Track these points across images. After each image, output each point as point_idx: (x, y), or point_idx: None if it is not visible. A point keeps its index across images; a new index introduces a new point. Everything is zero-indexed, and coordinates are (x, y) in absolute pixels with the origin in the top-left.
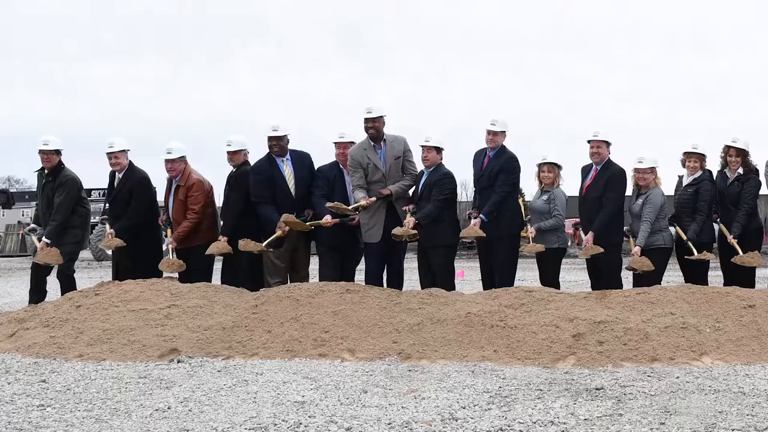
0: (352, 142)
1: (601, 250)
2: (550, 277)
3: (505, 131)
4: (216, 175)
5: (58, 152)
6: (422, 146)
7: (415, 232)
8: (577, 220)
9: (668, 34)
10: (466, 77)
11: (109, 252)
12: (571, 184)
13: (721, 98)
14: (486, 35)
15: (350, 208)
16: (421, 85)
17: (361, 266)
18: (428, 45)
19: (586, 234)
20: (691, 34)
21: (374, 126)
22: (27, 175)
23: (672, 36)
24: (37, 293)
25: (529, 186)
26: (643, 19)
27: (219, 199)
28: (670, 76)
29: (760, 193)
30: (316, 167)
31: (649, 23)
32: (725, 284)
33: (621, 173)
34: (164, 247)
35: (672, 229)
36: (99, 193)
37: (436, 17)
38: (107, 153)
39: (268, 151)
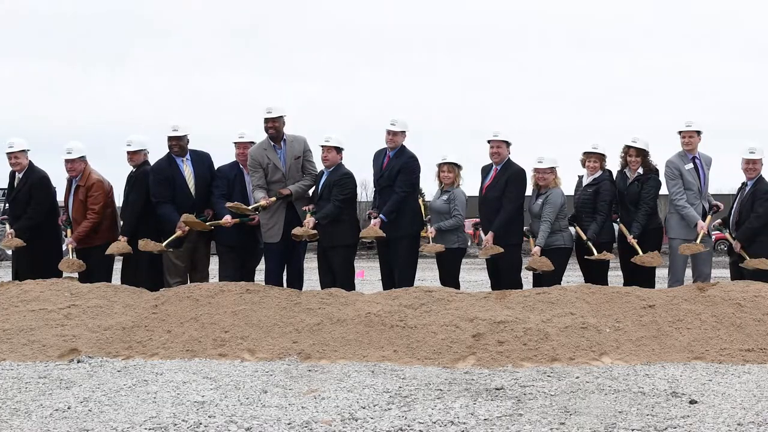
0: (252, 142)
1: (501, 250)
2: (450, 277)
3: (404, 131)
4: (116, 174)
5: None
6: (322, 146)
7: (315, 232)
8: (477, 220)
9: (568, 34)
10: (366, 77)
11: (9, 252)
12: (471, 184)
13: (621, 98)
14: (386, 35)
15: (250, 208)
16: (321, 86)
17: (261, 266)
18: (328, 45)
19: (485, 234)
20: (592, 34)
21: (274, 126)
22: None
23: (572, 36)
24: None
25: (429, 186)
26: (545, 19)
27: (119, 199)
28: (569, 75)
29: (660, 193)
30: (215, 167)
31: (550, 22)
32: (625, 284)
33: (521, 173)
34: (64, 247)
35: (572, 229)
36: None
37: (336, 17)
38: (7, 153)
39: (168, 151)
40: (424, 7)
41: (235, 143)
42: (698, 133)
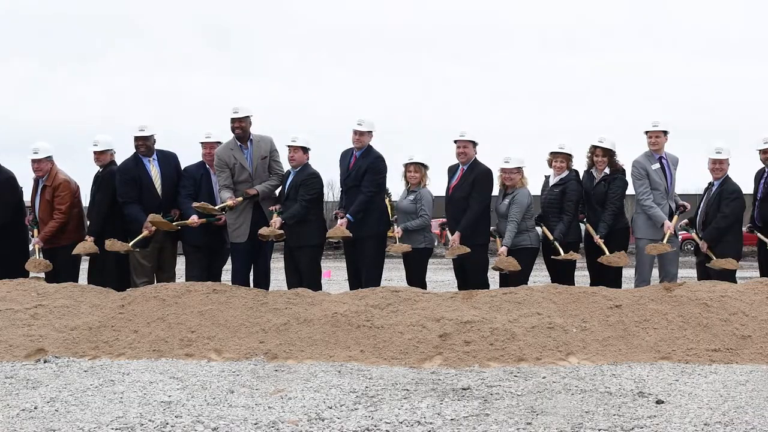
0: (219, 142)
1: (468, 250)
2: (416, 277)
3: (371, 131)
4: (83, 175)
5: None
6: (288, 146)
7: (282, 232)
8: (444, 220)
9: (538, 34)
10: (334, 77)
11: None
12: (437, 184)
13: (588, 98)
14: (355, 35)
15: (217, 208)
16: (289, 85)
17: (228, 266)
18: (296, 45)
19: (452, 234)
20: (560, 34)
21: (240, 126)
22: None
23: (541, 36)
24: None
25: (395, 186)
26: (514, 19)
27: (86, 199)
28: (536, 75)
29: (627, 193)
30: (182, 167)
31: (519, 23)
32: (592, 284)
33: (487, 173)
34: (31, 247)
35: (538, 229)
36: None
37: (306, 17)
38: None
39: (134, 151)
40: (396, 7)
41: (201, 143)
42: (665, 133)
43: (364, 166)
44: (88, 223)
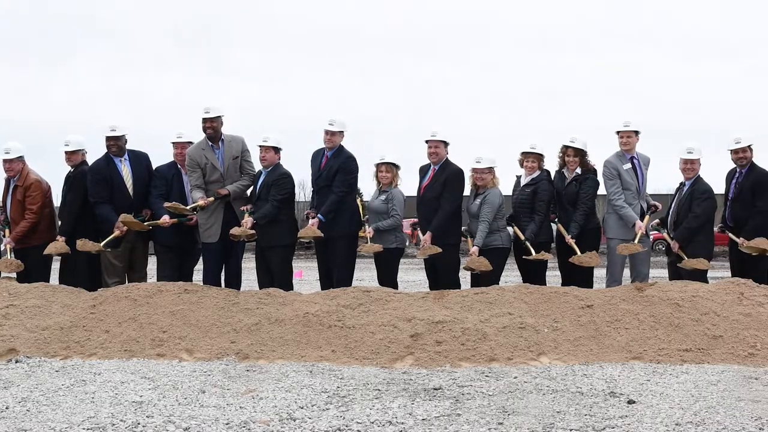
0: (190, 142)
1: (439, 250)
2: (388, 277)
3: (343, 131)
4: (54, 175)
5: None
6: (260, 146)
7: (253, 232)
8: (415, 220)
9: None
10: (306, 77)
11: None
12: (409, 184)
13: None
14: (328, 35)
15: (188, 208)
16: (261, 85)
17: (199, 266)
18: (269, 45)
19: (424, 234)
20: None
21: (212, 126)
22: None
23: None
24: None
25: (367, 186)
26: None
27: (57, 199)
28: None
29: (598, 193)
30: (153, 167)
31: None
32: (563, 284)
33: (458, 173)
34: (2, 247)
35: (510, 229)
36: None
37: (278, 17)
38: None
39: (106, 151)
40: (371, 7)
41: (173, 143)
42: (636, 133)
43: (335, 166)
44: (60, 223)
